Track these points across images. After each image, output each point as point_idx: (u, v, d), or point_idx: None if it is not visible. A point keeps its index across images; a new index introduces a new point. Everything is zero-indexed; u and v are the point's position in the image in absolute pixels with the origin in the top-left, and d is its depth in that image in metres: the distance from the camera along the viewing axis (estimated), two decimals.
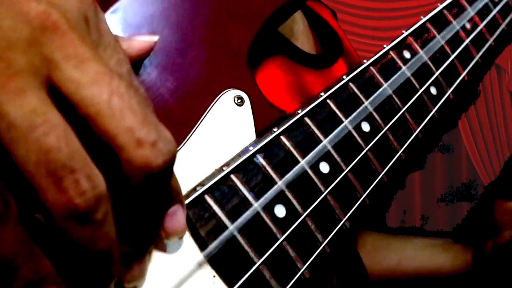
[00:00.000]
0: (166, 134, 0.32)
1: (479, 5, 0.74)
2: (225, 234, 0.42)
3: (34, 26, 0.29)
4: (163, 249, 0.40)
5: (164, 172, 0.32)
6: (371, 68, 0.57)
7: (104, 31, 0.34)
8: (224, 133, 0.46)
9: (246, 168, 0.45)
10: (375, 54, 0.59)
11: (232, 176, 0.44)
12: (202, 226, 0.41)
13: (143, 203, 0.33)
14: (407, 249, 0.82)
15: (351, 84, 0.55)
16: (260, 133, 0.48)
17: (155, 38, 0.45)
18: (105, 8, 0.46)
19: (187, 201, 0.41)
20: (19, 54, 0.28)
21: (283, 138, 0.48)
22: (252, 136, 0.48)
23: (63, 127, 0.28)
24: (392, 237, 0.84)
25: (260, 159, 0.46)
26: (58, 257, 0.32)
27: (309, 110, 0.50)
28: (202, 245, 0.41)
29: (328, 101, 0.52)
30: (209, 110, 0.47)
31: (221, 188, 0.43)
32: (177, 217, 0.37)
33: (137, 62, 0.45)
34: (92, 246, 0.30)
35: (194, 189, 0.42)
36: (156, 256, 0.39)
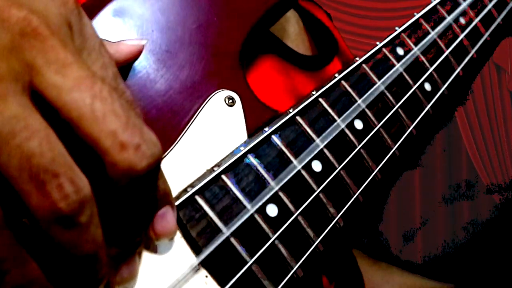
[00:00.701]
0: (151, 137, 0.32)
1: (473, 0, 0.74)
2: (217, 235, 0.42)
3: (15, 32, 0.29)
4: (154, 250, 0.40)
5: (149, 175, 0.32)
6: (364, 65, 0.57)
7: (88, 36, 0.34)
8: (215, 133, 0.47)
9: (237, 168, 0.45)
10: (368, 52, 0.59)
11: (223, 177, 0.44)
12: (193, 227, 0.42)
13: (129, 205, 0.33)
14: (384, 284, 0.79)
15: (343, 82, 0.55)
16: (252, 133, 0.48)
17: (144, 41, 0.45)
18: (95, 13, 0.47)
19: (177, 202, 0.41)
20: (0, 60, 0.28)
21: (274, 137, 0.48)
22: (244, 136, 0.48)
23: (45, 131, 0.28)
24: (372, 263, 0.81)
25: (251, 159, 0.46)
26: (46, 261, 0.32)
27: (300, 109, 0.50)
28: (193, 246, 0.41)
29: (320, 99, 0.52)
30: (200, 111, 0.47)
31: (212, 188, 0.43)
32: (166, 218, 0.37)
33: (127, 65, 0.45)
34: (78, 249, 0.30)
35: (184, 190, 0.42)
36: (148, 257, 0.40)
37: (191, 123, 0.46)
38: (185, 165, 0.44)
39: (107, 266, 0.33)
